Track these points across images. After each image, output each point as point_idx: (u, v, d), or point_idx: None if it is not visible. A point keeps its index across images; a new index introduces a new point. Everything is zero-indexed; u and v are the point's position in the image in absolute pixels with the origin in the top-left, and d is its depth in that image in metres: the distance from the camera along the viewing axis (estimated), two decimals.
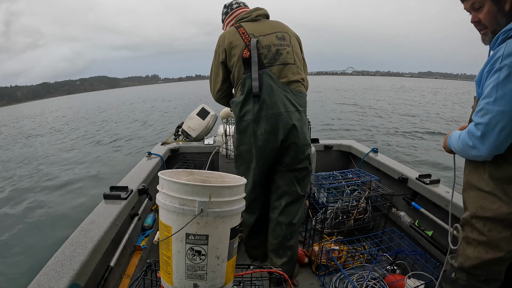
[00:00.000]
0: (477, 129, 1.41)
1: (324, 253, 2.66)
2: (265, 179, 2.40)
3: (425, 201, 2.71)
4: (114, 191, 2.33)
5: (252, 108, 2.18)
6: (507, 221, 1.45)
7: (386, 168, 3.25)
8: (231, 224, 1.34)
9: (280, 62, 2.21)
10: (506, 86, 1.31)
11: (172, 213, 1.29)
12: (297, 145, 2.22)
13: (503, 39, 1.41)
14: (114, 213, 2.06)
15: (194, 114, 4.09)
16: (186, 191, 1.25)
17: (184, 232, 1.28)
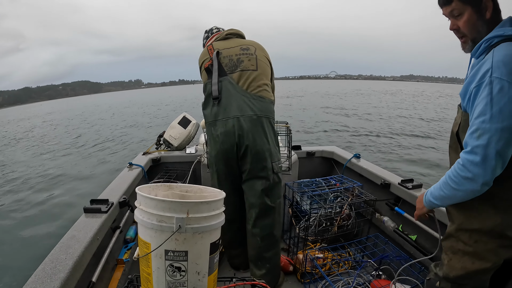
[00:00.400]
0: (475, 154, 1.30)
1: (308, 261, 2.67)
2: (233, 187, 2.42)
3: (408, 205, 2.74)
4: (94, 205, 2.31)
5: (210, 111, 2.31)
6: (493, 232, 1.44)
7: (368, 173, 3.28)
8: (210, 239, 1.35)
9: (240, 68, 2.32)
10: (501, 100, 1.24)
11: (150, 229, 1.29)
12: (252, 150, 2.23)
13: (486, 47, 1.40)
14: (94, 227, 2.04)
15: (175, 123, 4.06)
16: (163, 208, 1.26)
17: (163, 248, 1.28)
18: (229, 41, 2.49)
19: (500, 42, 1.34)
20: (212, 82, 2.30)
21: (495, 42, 1.36)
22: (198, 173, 3.48)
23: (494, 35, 1.37)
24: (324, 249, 2.87)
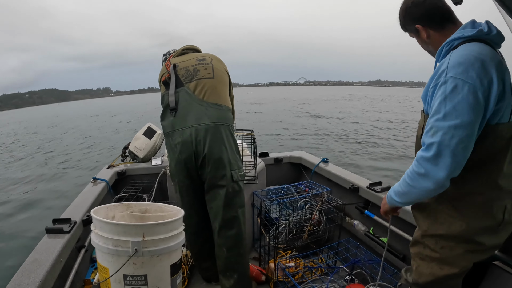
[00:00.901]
0: (429, 150, 1.32)
1: (280, 270, 2.65)
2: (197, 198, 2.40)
3: (378, 208, 2.75)
4: (56, 224, 2.24)
5: (168, 122, 2.30)
6: (460, 238, 1.45)
7: (337, 178, 3.31)
8: (170, 261, 1.32)
9: (197, 78, 2.34)
10: (454, 99, 1.27)
11: (107, 254, 1.25)
12: (211, 158, 2.22)
13: (448, 50, 1.42)
14: (57, 248, 1.97)
15: (140, 134, 3.99)
16: (118, 232, 1.22)
17: (121, 273, 1.25)
18: (185, 56, 2.53)
19: (460, 44, 1.37)
20: (169, 93, 2.31)
21: (455, 44, 1.39)
22: (164, 184, 3.44)
23: (454, 38, 1.40)
24: (295, 257, 2.87)
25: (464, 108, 1.25)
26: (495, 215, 1.42)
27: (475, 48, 1.32)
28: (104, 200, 2.99)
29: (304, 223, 3.05)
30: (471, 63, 1.27)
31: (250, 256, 3.15)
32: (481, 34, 1.36)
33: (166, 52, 2.75)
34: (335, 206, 2.96)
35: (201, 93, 2.29)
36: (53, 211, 7.53)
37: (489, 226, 1.43)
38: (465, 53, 1.30)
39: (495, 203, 1.41)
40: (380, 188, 2.77)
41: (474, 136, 1.29)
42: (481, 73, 1.26)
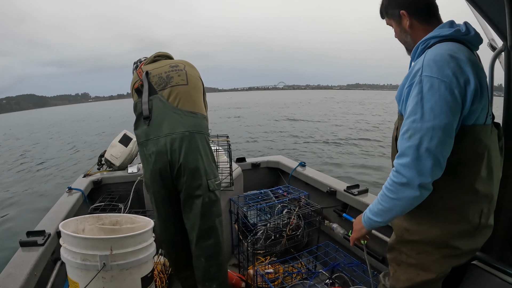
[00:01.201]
0: (406, 156, 1.28)
1: (260, 276, 2.65)
2: (173, 208, 2.36)
3: (356, 211, 2.80)
4: (31, 237, 2.19)
5: (141, 131, 2.26)
6: (436, 243, 1.42)
7: (314, 182, 3.33)
8: (140, 274, 1.31)
9: (171, 85, 2.31)
10: (431, 99, 1.24)
11: (76, 269, 1.24)
12: (186, 168, 2.19)
13: (423, 49, 1.41)
14: (31, 262, 1.93)
15: (116, 141, 3.94)
16: (86, 246, 1.21)
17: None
18: (158, 63, 2.49)
19: (436, 43, 1.35)
20: (142, 101, 2.27)
21: (431, 44, 1.37)
22: (141, 193, 3.40)
23: (431, 36, 1.39)
24: (274, 263, 2.88)
25: (442, 108, 1.23)
26: (472, 219, 1.39)
27: (451, 47, 1.30)
28: (79, 210, 2.95)
29: (282, 228, 3.07)
30: (446, 62, 1.25)
31: (230, 263, 3.16)
32: (458, 34, 1.35)
33: (137, 60, 2.72)
34: (313, 210, 2.98)
35: (175, 100, 2.26)
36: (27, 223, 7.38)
37: (465, 230, 1.40)
38: (441, 51, 1.29)
39: (471, 207, 1.39)
40: (357, 191, 2.79)
41: (453, 136, 1.27)
42: (457, 72, 1.24)
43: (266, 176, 4.12)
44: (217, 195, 2.32)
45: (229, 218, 3.14)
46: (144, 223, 1.47)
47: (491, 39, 1.86)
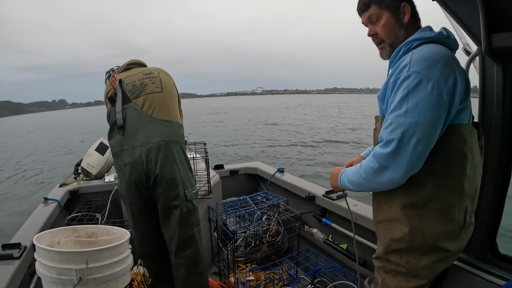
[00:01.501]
0: (387, 146, 1.29)
1: (241, 284, 2.65)
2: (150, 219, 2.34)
3: (335, 216, 2.83)
4: (6, 250, 2.14)
5: (116, 141, 2.22)
6: (424, 248, 1.41)
7: (293, 187, 3.36)
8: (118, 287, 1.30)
9: (145, 92, 2.28)
10: (417, 95, 1.24)
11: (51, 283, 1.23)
12: (163, 178, 2.15)
13: (406, 51, 1.40)
14: (7, 276, 1.89)
15: (92, 150, 3.90)
16: (61, 259, 1.20)
17: None
18: (131, 71, 2.46)
19: (420, 45, 1.36)
20: (116, 110, 2.23)
21: (415, 45, 1.38)
22: (118, 202, 3.37)
23: (414, 38, 1.39)
24: (255, 270, 2.87)
25: (428, 105, 1.24)
26: (458, 219, 1.40)
27: (437, 48, 1.32)
28: (56, 221, 2.90)
29: (262, 235, 3.08)
30: (435, 60, 1.26)
31: (211, 271, 3.16)
32: (441, 36, 1.38)
33: (109, 69, 2.69)
34: (292, 215, 3.00)
35: (150, 109, 2.24)
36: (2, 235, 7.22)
37: (452, 230, 1.41)
38: (429, 50, 1.30)
39: (457, 207, 1.39)
40: (336, 196, 2.83)
41: (436, 136, 1.28)
42: (445, 71, 1.26)
43: (245, 182, 4.13)
44: (195, 204, 2.31)
45: (208, 226, 3.14)
46: (120, 234, 1.46)
47: (465, 44, 1.92)
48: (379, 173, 1.32)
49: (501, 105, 1.70)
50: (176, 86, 2.53)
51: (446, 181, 1.37)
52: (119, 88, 2.29)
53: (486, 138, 1.73)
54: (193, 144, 2.91)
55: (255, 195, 3.25)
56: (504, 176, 1.77)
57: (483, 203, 1.79)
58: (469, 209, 1.43)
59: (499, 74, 1.69)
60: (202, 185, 2.84)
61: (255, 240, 3.04)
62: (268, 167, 4.04)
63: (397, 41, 1.46)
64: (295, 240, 3.15)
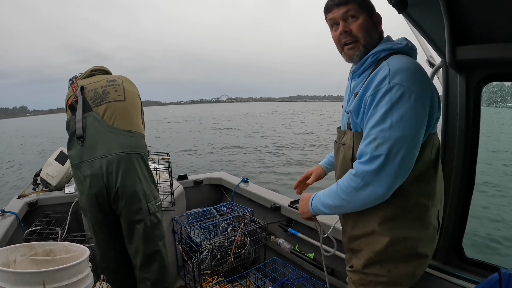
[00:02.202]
0: (371, 162, 1.27)
1: None
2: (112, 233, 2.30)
3: (301, 226, 2.88)
4: None
5: (75, 152, 2.17)
6: (406, 255, 1.42)
7: (258, 198, 3.41)
8: None
9: (107, 100, 2.25)
10: (402, 108, 1.23)
11: None
12: (124, 192, 2.13)
13: (373, 61, 1.42)
14: None
15: (52, 160, 3.81)
16: (16, 281, 1.18)
17: None
18: (94, 77, 2.43)
19: (389, 55, 1.38)
20: (76, 119, 2.18)
21: (382, 56, 1.40)
22: (79, 214, 3.30)
23: (381, 49, 1.41)
24: (222, 282, 2.89)
25: (412, 118, 1.24)
26: (433, 222, 1.44)
27: (410, 59, 1.34)
28: (14, 235, 2.82)
29: (228, 246, 3.09)
30: (414, 71, 1.28)
31: (176, 284, 3.15)
32: (407, 48, 1.42)
33: (72, 76, 2.61)
34: (258, 226, 3.04)
35: (111, 118, 2.20)
36: None
37: (431, 234, 1.44)
38: (405, 61, 1.31)
39: (432, 210, 1.43)
40: None
41: (419, 147, 1.30)
42: (424, 82, 1.29)
43: (209, 193, 4.14)
44: (159, 217, 2.29)
45: (173, 238, 3.13)
46: (79, 252, 1.43)
47: (429, 56, 2.01)
48: (363, 191, 1.30)
49: (464, 115, 1.80)
50: (140, 95, 2.51)
51: (424, 188, 1.41)
52: (80, 95, 2.24)
53: (450, 147, 1.85)
54: (156, 154, 2.89)
55: (220, 206, 3.27)
56: (468, 183, 1.86)
57: (449, 209, 1.88)
58: (440, 212, 1.49)
59: (463, 85, 1.78)
60: (165, 197, 2.82)
61: (221, 252, 3.05)
62: (233, 177, 4.07)
63: (372, 44, 1.46)
64: (261, 251, 3.19)
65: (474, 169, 1.86)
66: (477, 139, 1.83)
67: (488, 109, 2.22)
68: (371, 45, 1.45)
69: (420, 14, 1.72)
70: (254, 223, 3.03)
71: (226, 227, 3.16)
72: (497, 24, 1.54)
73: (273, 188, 3.65)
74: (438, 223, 1.48)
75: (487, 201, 5.34)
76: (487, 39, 1.58)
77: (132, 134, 2.23)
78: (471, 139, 1.82)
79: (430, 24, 1.75)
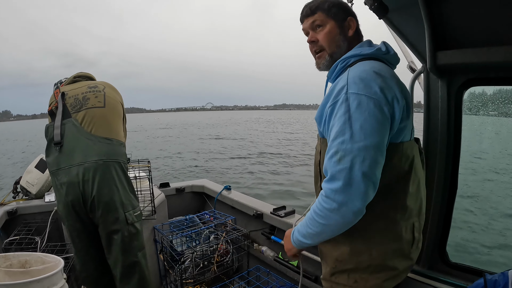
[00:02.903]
0: (338, 180, 1.23)
1: None
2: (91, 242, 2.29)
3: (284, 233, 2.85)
4: None
5: (53, 159, 2.17)
6: (372, 267, 1.40)
7: (240, 205, 3.42)
8: None
9: (86, 107, 2.26)
10: (361, 116, 1.22)
11: None
12: (100, 201, 2.12)
13: (342, 67, 1.42)
14: None
15: (32, 167, 3.78)
16: None
17: None
18: (77, 83, 2.43)
19: (358, 61, 1.38)
20: (54, 125, 2.18)
21: (352, 62, 1.39)
22: (60, 224, 3.27)
23: (351, 55, 1.41)
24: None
25: (373, 126, 1.22)
26: (405, 236, 1.41)
27: (374, 64, 1.33)
28: None
29: (211, 255, 3.10)
30: (373, 78, 1.26)
31: None
32: (379, 53, 1.41)
33: (57, 81, 2.61)
34: (241, 234, 3.06)
35: (90, 125, 2.20)
36: None
37: (400, 248, 1.41)
38: (366, 68, 1.30)
39: (402, 224, 1.40)
40: (284, 213, 2.91)
41: (384, 154, 1.26)
42: (384, 88, 1.25)
43: (192, 201, 4.15)
44: (137, 227, 2.28)
45: (154, 247, 3.13)
46: (54, 263, 1.44)
47: (410, 61, 2.06)
48: (338, 211, 1.25)
49: (445, 121, 1.83)
50: (123, 102, 2.51)
51: (391, 200, 1.38)
52: (60, 102, 2.25)
53: (432, 153, 1.89)
54: (136, 162, 2.89)
55: (203, 214, 3.28)
56: (450, 188, 1.90)
57: (432, 214, 1.91)
58: (416, 226, 1.45)
59: (444, 90, 1.82)
60: (146, 205, 2.83)
61: (204, 260, 3.05)
62: (215, 184, 4.08)
63: (339, 52, 1.48)
64: (244, 259, 3.20)
65: (456, 174, 1.90)
66: (459, 144, 1.87)
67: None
68: (338, 53, 1.47)
69: (400, 20, 1.76)
70: (237, 231, 3.05)
71: (209, 235, 3.17)
72: (477, 28, 1.58)
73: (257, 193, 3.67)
74: (413, 237, 1.44)
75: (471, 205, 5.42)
76: (468, 44, 1.61)
77: (110, 141, 2.23)
78: (453, 144, 1.86)
79: (410, 29, 1.79)
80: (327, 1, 1.49)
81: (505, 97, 2.51)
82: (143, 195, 2.78)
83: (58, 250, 2.98)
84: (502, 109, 2.66)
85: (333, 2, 1.50)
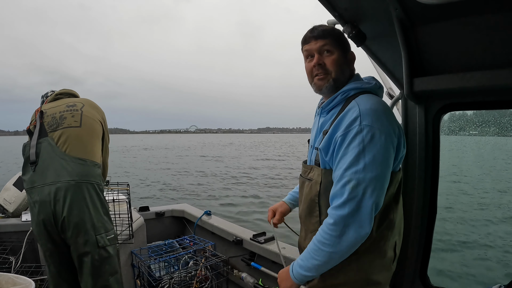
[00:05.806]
0: (347, 206, 1.34)
1: None
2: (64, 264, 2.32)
3: (264, 260, 2.99)
4: None
5: (28, 177, 2.25)
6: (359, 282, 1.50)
7: (220, 231, 3.51)
8: None
9: (62, 126, 2.34)
10: (374, 149, 1.33)
11: None
12: (71, 221, 2.16)
13: (342, 98, 1.52)
14: None
15: (10, 185, 3.82)
16: None
17: None
18: (57, 101, 2.52)
19: (357, 94, 1.50)
20: (31, 144, 2.27)
21: (352, 94, 1.51)
22: (36, 244, 3.29)
23: (351, 88, 1.52)
24: None
25: (384, 158, 1.35)
26: (388, 253, 1.53)
27: (378, 99, 1.47)
28: None
29: (190, 281, 3.16)
30: (382, 112, 1.40)
31: None
32: (375, 87, 1.56)
33: (44, 94, 2.71)
34: (220, 260, 3.14)
35: (65, 144, 2.27)
36: None
37: (383, 264, 1.53)
38: (374, 101, 1.43)
39: (388, 242, 1.52)
40: (264, 239, 3.00)
41: (388, 182, 1.41)
42: (392, 122, 1.41)
43: (171, 225, 4.22)
44: (110, 251, 2.32)
45: (132, 272, 3.18)
46: (25, 284, 1.51)
47: (389, 88, 2.20)
48: (346, 236, 1.34)
49: (423, 146, 1.97)
50: (105, 119, 2.58)
51: (385, 220, 1.50)
52: (38, 121, 2.34)
53: (411, 177, 2.01)
54: (115, 184, 2.95)
55: (182, 239, 3.34)
56: (430, 213, 2.01)
57: (411, 238, 2.01)
58: (397, 243, 1.59)
59: (421, 116, 1.95)
60: (124, 229, 2.86)
61: (182, 286, 3.10)
62: (195, 209, 4.17)
63: (342, 79, 1.57)
64: (224, 286, 3.27)
65: (435, 197, 2.01)
66: (437, 168, 2.00)
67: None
68: (341, 81, 1.57)
69: (378, 47, 1.89)
70: (216, 257, 3.12)
71: (188, 261, 3.24)
72: (453, 55, 1.71)
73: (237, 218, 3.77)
74: (394, 254, 1.58)
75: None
76: (444, 70, 1.73)
77: (84, 162, 2.28)
78: (431, 169, 1.98)
79: (388, 56, 1.92)
80: (335, 30, 1.61)
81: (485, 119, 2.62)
82: (121, 218, 2.82)
83: (33, 271, 3.02)
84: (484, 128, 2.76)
85: (341, 33, 1.63)
